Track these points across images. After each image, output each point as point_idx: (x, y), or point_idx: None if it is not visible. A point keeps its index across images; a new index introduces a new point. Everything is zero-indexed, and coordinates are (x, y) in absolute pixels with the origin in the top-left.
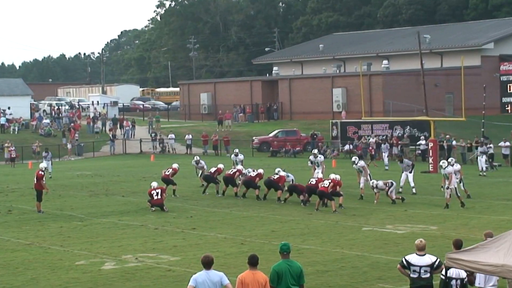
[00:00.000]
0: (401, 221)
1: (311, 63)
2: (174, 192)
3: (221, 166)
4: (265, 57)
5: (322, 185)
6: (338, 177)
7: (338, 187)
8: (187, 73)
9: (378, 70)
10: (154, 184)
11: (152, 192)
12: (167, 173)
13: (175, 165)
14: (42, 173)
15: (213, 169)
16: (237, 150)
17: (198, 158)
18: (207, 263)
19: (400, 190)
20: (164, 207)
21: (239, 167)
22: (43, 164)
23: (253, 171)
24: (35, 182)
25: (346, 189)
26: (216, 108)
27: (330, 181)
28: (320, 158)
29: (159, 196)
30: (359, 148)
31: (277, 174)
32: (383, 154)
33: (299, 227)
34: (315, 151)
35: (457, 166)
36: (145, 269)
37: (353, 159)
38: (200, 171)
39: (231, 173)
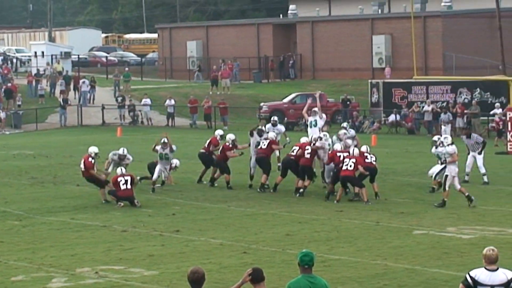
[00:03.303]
0: (467, 221)
1: (342, 0)
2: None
3: (218, 133)
4: None
5: (346, 167)
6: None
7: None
8: (169, 13)
9: (435, 11)
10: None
11: (119, 180)
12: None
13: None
14: None
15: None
16: (275, 118)
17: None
18: (196, 281)
19: (466, 178)
20: (135, 201)
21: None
22: None
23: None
24: None
25: (390, 177)
26: (209, 63)
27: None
28: (350, 132)
29: (129, 186)
30: (408, 119)
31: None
32: (442, 127)
33: (324, 230)
34: (344, 124)
35: None
36: (108, 287)
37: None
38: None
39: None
